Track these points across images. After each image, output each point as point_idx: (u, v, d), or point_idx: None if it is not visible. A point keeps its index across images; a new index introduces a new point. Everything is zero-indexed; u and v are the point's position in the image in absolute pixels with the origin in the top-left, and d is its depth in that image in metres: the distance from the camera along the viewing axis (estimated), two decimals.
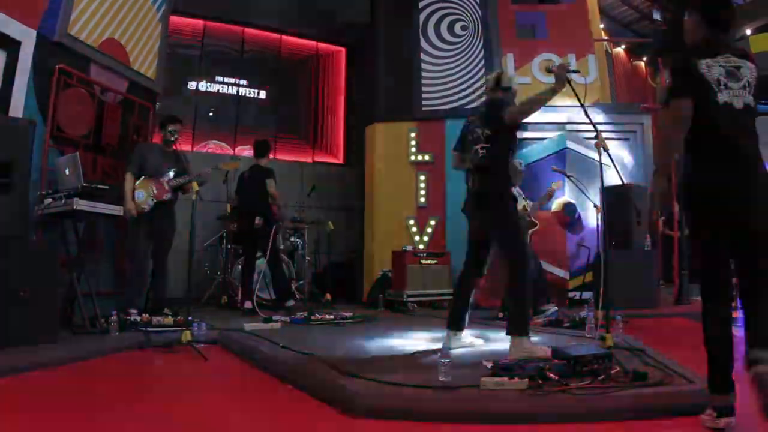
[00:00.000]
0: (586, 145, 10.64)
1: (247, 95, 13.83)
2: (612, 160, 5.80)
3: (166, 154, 7.77)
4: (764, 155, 3.37)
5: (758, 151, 3.39)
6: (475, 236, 5.69)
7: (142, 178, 7.47)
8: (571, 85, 5.16)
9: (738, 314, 3.95)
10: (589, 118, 5.54)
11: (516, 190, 8.66)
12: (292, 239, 10.94)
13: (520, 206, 8.51)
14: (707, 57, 3.43)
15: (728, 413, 3.21)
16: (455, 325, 5.67)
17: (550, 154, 10.55)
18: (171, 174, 7.64)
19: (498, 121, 5.31)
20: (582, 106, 5.30)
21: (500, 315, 7.83)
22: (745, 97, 3.38)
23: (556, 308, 8.23)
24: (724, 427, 3.19)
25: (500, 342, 5.56)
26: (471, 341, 5.74)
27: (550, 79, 5.05)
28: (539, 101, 5.17)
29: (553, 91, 5.04)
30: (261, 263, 10.00)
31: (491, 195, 5.39)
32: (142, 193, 7.40)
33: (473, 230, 5.71)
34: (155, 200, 7.45)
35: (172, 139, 7.78)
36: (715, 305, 3.38)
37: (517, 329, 5.04)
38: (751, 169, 3.33)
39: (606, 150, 5.51)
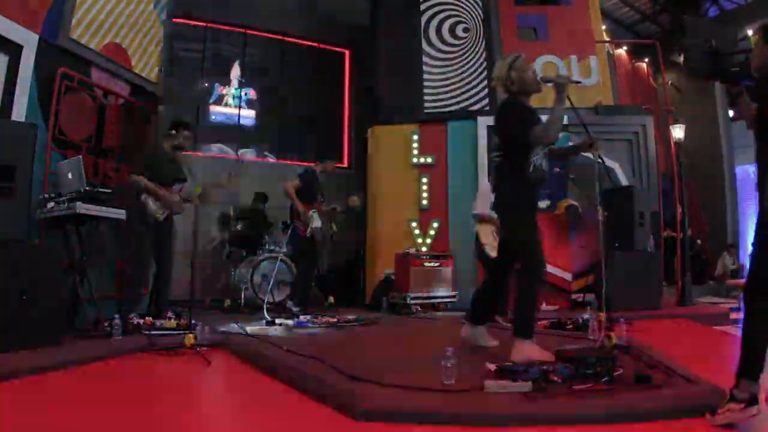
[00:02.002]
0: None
1: (251, 98, 13.84)
2: (604, 165, 5.79)
3: (172, 161, 7.49)
4: None
5: None
6: (501, 239, 5.75)
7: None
8: (570, 100, 5.21)
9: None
10: (586, 128, 5.62)
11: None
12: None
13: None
14: None
15: (756, 402, 3.22)
16: (473, 318, 5.75)
17: None
18: (179, 186, 7.50)
19: (505, 132, 5.30)
20: (580, 119, 5.41)
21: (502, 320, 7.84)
22: None
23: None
24: (756, 414, 3.19)
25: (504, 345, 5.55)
26: (486, 340, 5.75)
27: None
28: (559, 118, 5.06)
29: (561, 102, 5.02)
30: (265, 265, 10.03)
31: (503, 202, 5.39)
32: (156, 203, 7.16)
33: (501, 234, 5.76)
34: (167, 212, 7.25)
35: (187, 143, 7.56)
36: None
37: (521, 331, 5.03)
38: None
39: (600, 157, 5.55)
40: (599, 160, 5.63)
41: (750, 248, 3.54)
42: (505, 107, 5.35)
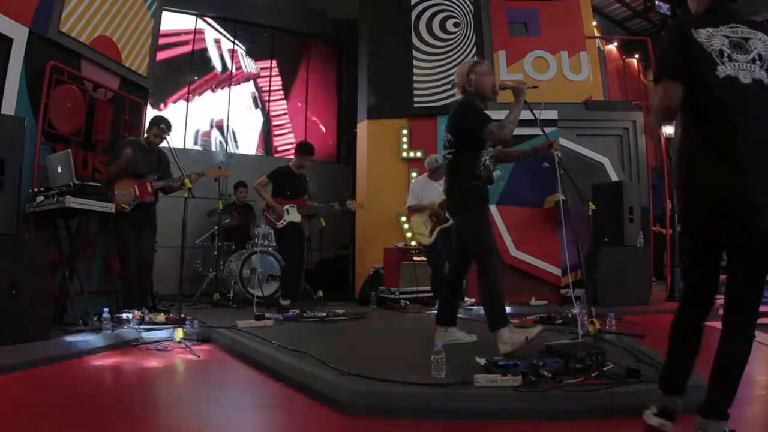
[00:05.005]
0: (577, 142, 10.68)
1: (239, 92, 13.81)
2: (563, 168, 5.86)
3: (148, 153, 7.65)
4: None
5: None
6: (457, 235, 5.80)
7: (124, 177, 7.39)
8: (530, 107, 5.34)
9: None
10: (543, 131, 5.93)
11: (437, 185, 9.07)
12: None
13: (439, 200, 8.89)
14: (708, 26, 2.96)
15: (668, 417, 2.99)
16: (444, 320, 5.74)
17: None
18: (153, 177, 7.56)
19: (460, 128, 5.34)
20: (540, 125, 5.55)
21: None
22: (754, 71, 2.86)
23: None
24: (656, 426, 2.99)
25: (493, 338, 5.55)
26: (461, 336, 5.75)
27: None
28: (515, 119, 5.12)
29: (518, 105, 5.15)
30: (253, 259, 10.01)
31: (456, 198, 5.48)
32: (123, 193, 7.29)
33: (455, 229, 5.82)
34: (136, 201, 7.36)
35: (157, 140, 7.61)
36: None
37: (496, 324, 5.04)
38: (756, 165, 2.77)
39: (559, 158, 5.63)
40: (558, 159, 5.68)
41: None
42: (462, 105, 5.42)
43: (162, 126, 7.55)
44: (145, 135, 7.71)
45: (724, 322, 2.95)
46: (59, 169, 6.42)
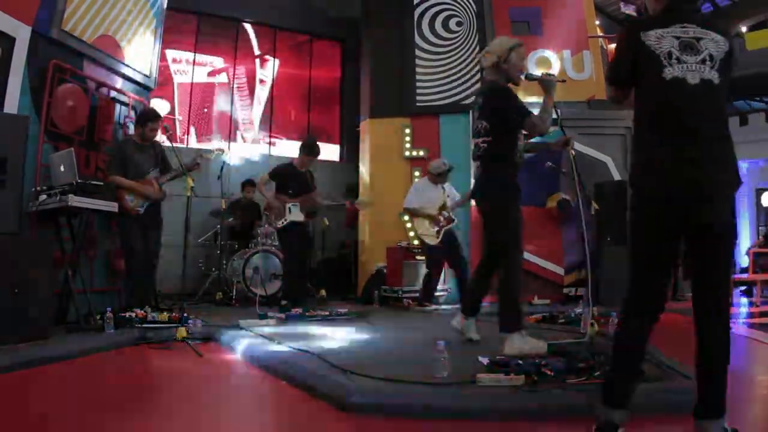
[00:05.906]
0: (580, 141, 10.66)
1: (242, 90, 13.81)
2: (576, 166, 5.84)
3: (144, 149, 7.56)
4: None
5: (723, 142, 2.90)
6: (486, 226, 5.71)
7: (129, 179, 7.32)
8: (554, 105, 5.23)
9: None
10: (561, 127, 5.93)
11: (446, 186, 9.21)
12: None
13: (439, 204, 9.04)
14: (659, 27, 2.96)
15: (613, 430, 2.92)
16: (467, 310, 5.70)
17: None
18: (156, 172, 7.52)
19: (500, 116, 5.18)
20: (558, 118, 5.47)
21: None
22: (704, 72, 2.87)
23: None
24: None
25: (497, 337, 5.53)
26: (473, 333, 5.70)
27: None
28: (551, 111, 5.12)
29: (551, 98, 5.09)
30: (256, 259, 10.01)
31: (491, 186, 5.34)
32: (132, 197, 7.24)
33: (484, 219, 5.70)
34: (148, 202, 7.32)
35: (153, 134, 7.55)
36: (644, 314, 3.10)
37: (508, 326, 5.00)
38: (706, 163, 2.82)
39: (573, 156, 5.62)
40: (573, 155, 5.66)
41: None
42: (500, 91, 5.28)
43: (159, 119, 7.56)
44: (140, 131, 7.56)
45: (698, 323, 2.96)
46: (62, 168, 6.42)
